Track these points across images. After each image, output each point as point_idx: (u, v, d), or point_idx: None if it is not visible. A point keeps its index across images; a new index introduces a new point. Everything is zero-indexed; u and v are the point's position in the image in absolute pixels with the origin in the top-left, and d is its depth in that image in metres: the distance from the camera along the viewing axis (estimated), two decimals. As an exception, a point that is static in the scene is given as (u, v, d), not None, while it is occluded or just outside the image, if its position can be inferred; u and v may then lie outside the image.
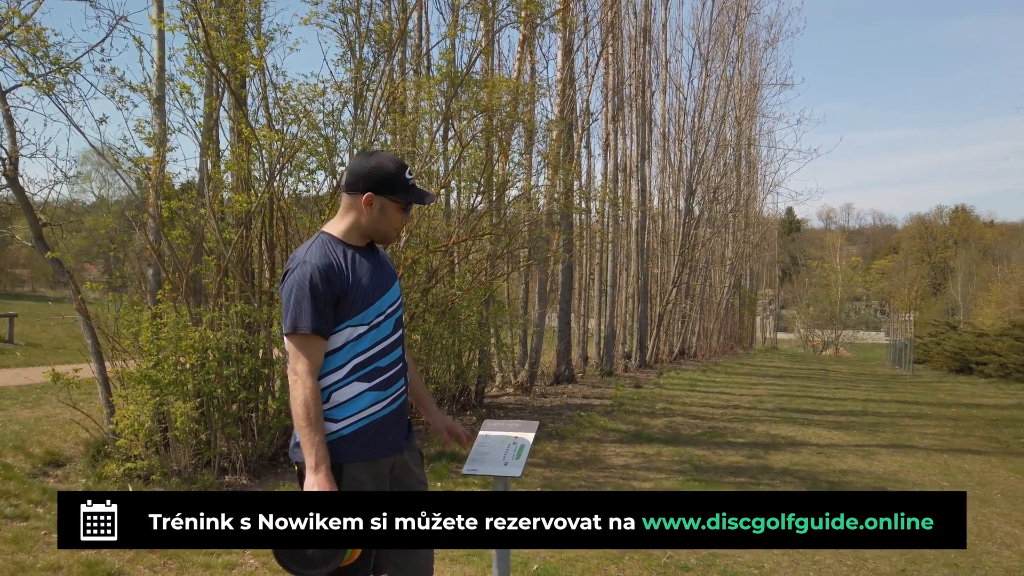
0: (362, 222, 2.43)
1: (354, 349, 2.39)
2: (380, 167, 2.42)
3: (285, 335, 2.34)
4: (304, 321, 2.29)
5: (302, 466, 2.36)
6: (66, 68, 5.75)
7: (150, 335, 5.76)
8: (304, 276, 2.30)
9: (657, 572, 4.52)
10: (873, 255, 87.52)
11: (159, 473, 5.69)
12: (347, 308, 2.35)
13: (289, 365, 2.33)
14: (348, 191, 2.44)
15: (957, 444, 10.01)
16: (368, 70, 7.46)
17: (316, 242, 2.41)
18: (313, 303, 2.28)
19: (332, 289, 2.32)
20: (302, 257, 2.36)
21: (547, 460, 7.59)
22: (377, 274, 2.45)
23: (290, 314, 2.30)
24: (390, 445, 2.47)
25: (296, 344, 2.31)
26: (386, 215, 2.43)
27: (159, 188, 6.14)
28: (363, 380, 2.40)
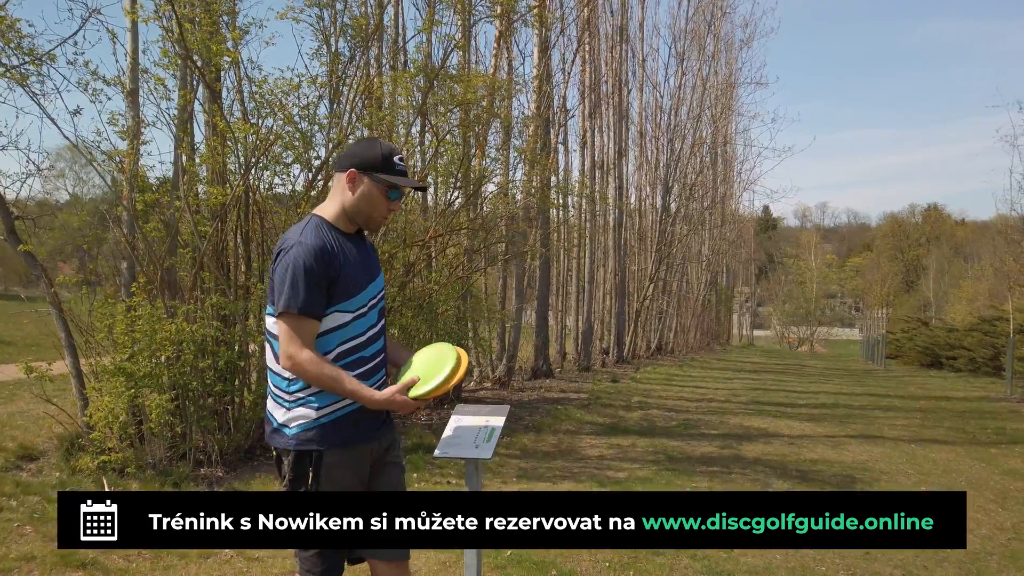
0: (346, 203, 2.40)
1: (341, 336, 2.37)
2: (368, 148, 2.42)
3: (278, 315, 2.28)
4: (297, 301, 2.25)
5: (280, 452, 2.39)
6: (39, 59, 5.72)
7: (124, 328, 5.75)
8: (299, 256, 2.26)
9: (629, 558, 4.61)
10: (848, 253, 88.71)
11: (134, 466, 5.69)
12: (337, 293, 2.33)
13: (281, 349, 2.29)
14: (336, 170, 2.45)
15: (925, 435, 10.22)
16: (344, 64, 7.47)
17: (309, 224, 2.38)
18: (308, 284, 2.25)
19: (326, 272, 2.29)
20: (296, 238, 2.32)
21: (523, 452, 7.66)
22: (365, 262, 2.45)
23: (284, 294, 2.26)
24: (370, 433, 2.46)
25: (290, 325, 2.26)
26: (369, 197, 2.39)
27: (133, 181, 6.12)
28: (347, 368, 2.36)
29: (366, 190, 2.39)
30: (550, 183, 12.77)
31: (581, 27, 15.98)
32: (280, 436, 2.38)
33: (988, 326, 24.52)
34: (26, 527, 4.59)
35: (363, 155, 2.40)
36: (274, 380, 2.41)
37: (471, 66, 11.32)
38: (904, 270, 76.15)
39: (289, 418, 2.37)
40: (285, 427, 2.37)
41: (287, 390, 2.37)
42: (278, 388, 2.39)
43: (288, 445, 2.35)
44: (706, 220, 32.37)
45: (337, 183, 2.43)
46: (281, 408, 2.39)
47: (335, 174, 2.45)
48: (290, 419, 2.37)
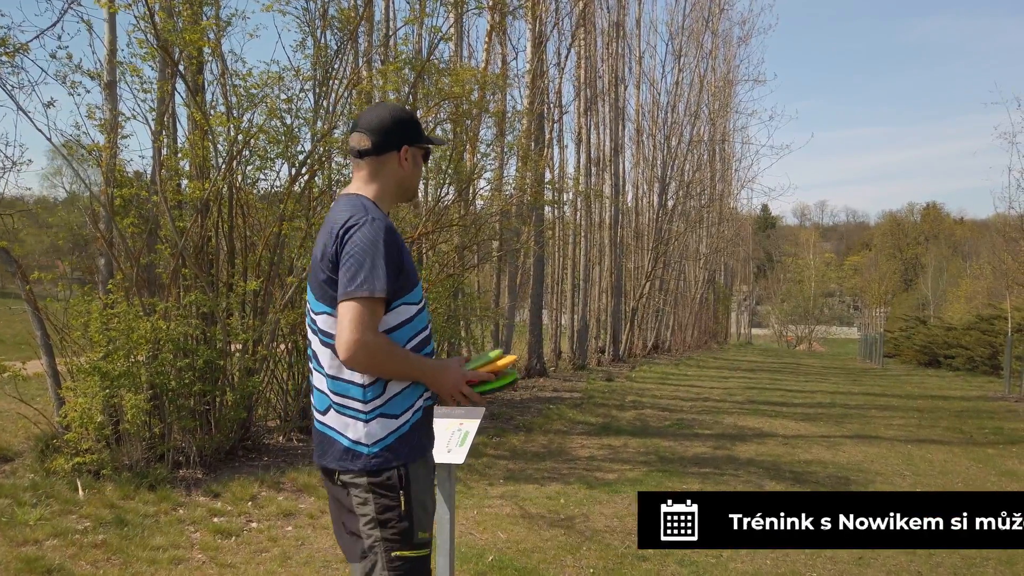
0: (400, 181, 2.20)
1: (411, 330, 2.12)
2: (404, 116, 2.22)
3: (353, 297, 1.96)
4: (380, 283, 1.96)
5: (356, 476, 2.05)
6: (12, 50, 5.57)
7: (99, 326, 5.61)
8: (378, 233, 2.00)
9: (614, 563, 4.48)
10: (846, 251, 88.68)
11: (110, 468, 5.54)
12: (403, 282, 2.08)
13: (343, 338, 1.95)
14: (379, 152, 2.16)
15: (922, 435, 10.09)
16: (330, 57, 7.32)
17: (363, 202, 2.12)
18: (387, 264, 1.98)
19: (399, 255, 2.05)
20: (362, 214, 2.05)
21: (512, 452, 7.53)
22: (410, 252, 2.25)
23: (363, 274, 1.96)
24: (434, 435, 2.25)
25: (365, 309, 1.95)
26: (418, 165, 2.24)
27: (110, 176, 5.97)
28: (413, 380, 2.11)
29: (416, 161, 2.22)
30: (544, 179, 12.63)
31: (576, 22, 15.83)
32: (356, 458, 2.05)
33: (986, 325, 24.41)
34: (-7, 531, 4.44)
35: (407, 126, 2.19)
36: (342, 389, 2.07)
37: (463, 60, 11.17)
38: (903, 269, 76.10)
39: (367, 433, 2.04)
40: (362, 445, 2.04)
41: (363, 399, 2.05)
42: (350, 398, 2.06)
43: (371, 466, 2.03)
44: (704, 218, 32.24)
45: (379, 165, 2.18)
46: (356, 422, 2.05)
47: (374, 157, 2.17)
48: (368, 434, 2.05)
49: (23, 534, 4.41)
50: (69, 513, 4.84)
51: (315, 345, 2.14)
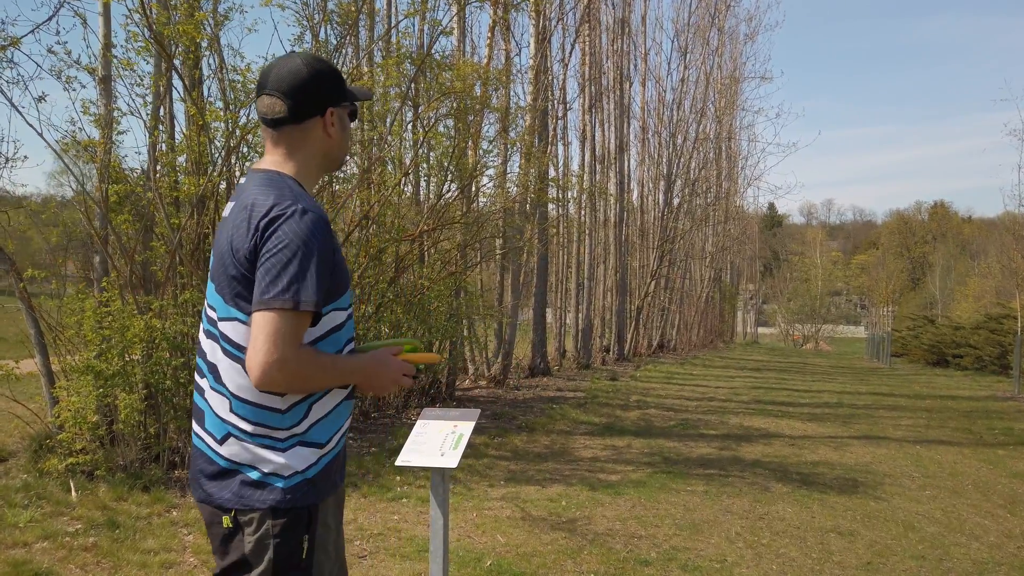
0: (327, 151, 1.82)
1: (337, 341, 1.76)
2: (323, 69, 1.79)
3: (271, 309, 1.57)
4: (308, 294, 1.59)
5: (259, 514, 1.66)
6: (5, 45, 5.48)
7: (94, 324, 5.52)
8: (311, 230, 1.62)
9: (616, 567, 4.36)
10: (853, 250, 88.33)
11: (104, 468, 5.45)
12: (335, 286, 1.71)
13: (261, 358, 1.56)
14: (299, 118, 1.75)
15: (930, 435, 9.94)
16: (329, 52, 7.22)
17: (286, 182, 1.72)
18: (320, 271, 1.61)
19: (333, 256, 1.68)
20: (292, 201, 1.64)
21: (514, 453, 7.42)
22: None
23: (287, 281, 1.58)
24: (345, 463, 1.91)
25: (287, 323, 1.57)
26: (346, 128, 1.85)
27: (105, 172, 5.88)
28: (342, 387, 1.78)
29: (344, 123, 1.83)
30: (547, 176, 12.50)
31: (580, 18, 15.69)
32: (263, 492, 1.66)
33: (995, 324, 24.18)
34: (-19, 533, 4.36)
35: (327, 83, 1.78)
36: (252, 414, 1.67)
37: (466, 56, 11.05)
38: (910, 267, 75.69)
39: (283, 465, 1.67)
40: (276, 477, 1.67)
41: (282, 425, 1.67)
42: (265, 426, 1.67)
43: (279, 503, 1.66)
44: (709, 216, 32.04)
45: (303, 133, 1.78)
46: (271, 452, 1.67)
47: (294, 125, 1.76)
48: (285, 467, 1.67)
49: (12, 536, 4.33)
50: (61, 515, 4.75)
51: (214, 356, 1.72)
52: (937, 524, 5.61)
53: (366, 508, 5.32)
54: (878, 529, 5.38)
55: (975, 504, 6.30)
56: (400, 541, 4.64)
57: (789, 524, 5.39)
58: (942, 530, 5.45)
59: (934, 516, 5.84)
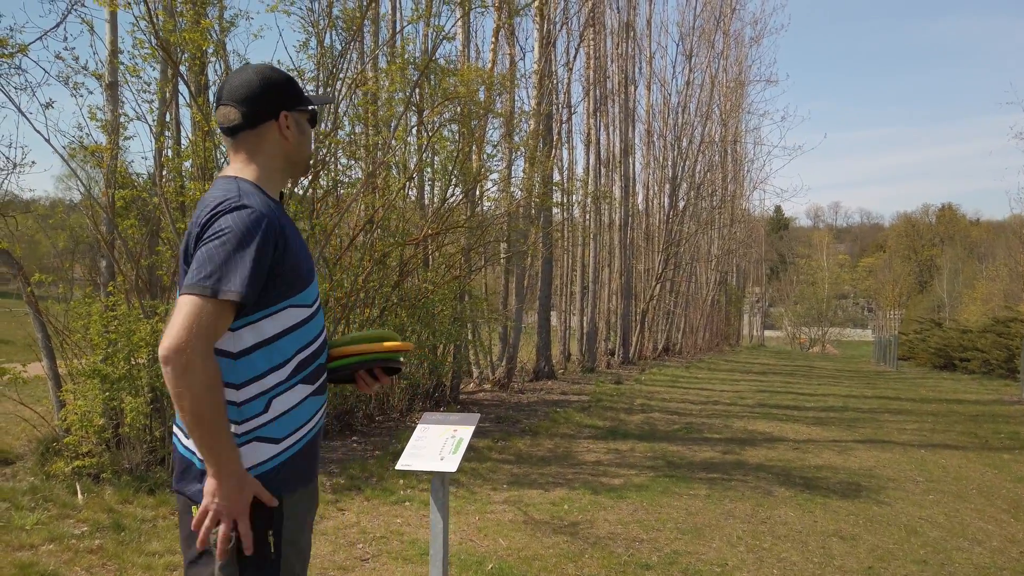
0: (287, 154, 1.88)
1: (299, 340, 1.79)
2: (275, 77, 1.87)
3: (196, 294, 1.61)
4: (235, 283, 1.62)
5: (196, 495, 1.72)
6: (12, 52, 5.55)
7: (100, 328, 5.57)
8: (250, 223, 1.66)
9: (617, 571, 4.38)
10: (861, 253, 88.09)
11: (110, 471, 5.50)
12: (287, 283, 1.75)
13: (177, 337, 1.58)
14: (253, 123, 1.83)
15: (935, 440, 9.92)
16: (334, 58, 7.27)
17: (242, 184, 1.78)
18: (255, 262, 1.64)
19: (272, 253, 1.70)
20: (235, 197, 1.71)
21: (517, 457, 7.44)
22: (304, 243, 1.90)
23: (213, 267, 1.62)
24: (319, 461, 1.94)
25: (204, 311, 1.60)
26: (305, 133, 1.92)
27: (111, 177, 5.94)
28: (307, 381, 1.81)
29: (300, 126, 1.90)
30: (552, 180, 12.54)
31: (585, 22, 15.73)
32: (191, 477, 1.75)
33: (1002, 327, 24.06)
34: (-12, 536, 4.41)
35: (282, 89, 1.86)
36: None
37: (471, 61, 11.10)
38: (917, 270, 75.45)
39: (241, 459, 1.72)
40: None
41: (237, 419, 1.72)
42: None
43: None
44: (715, 219, 32.02)
45: (258, 139, 1.85)
46: None
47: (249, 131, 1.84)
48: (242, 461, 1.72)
49: (19, 539, 4.37)
50: (67, 517, 4.80)
51: None
52: (940, 528, 5.61)
53: (369, 511, 5.35)
54: (880, 533, 5.38)
55: (979, 509, 6.29)
56: (403, 544, 4.67)
57: (791, 528, 5.40)
58: (945, 534, 5.45)
59: (937, 521, 5.84)
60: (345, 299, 7.60)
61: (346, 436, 7.74)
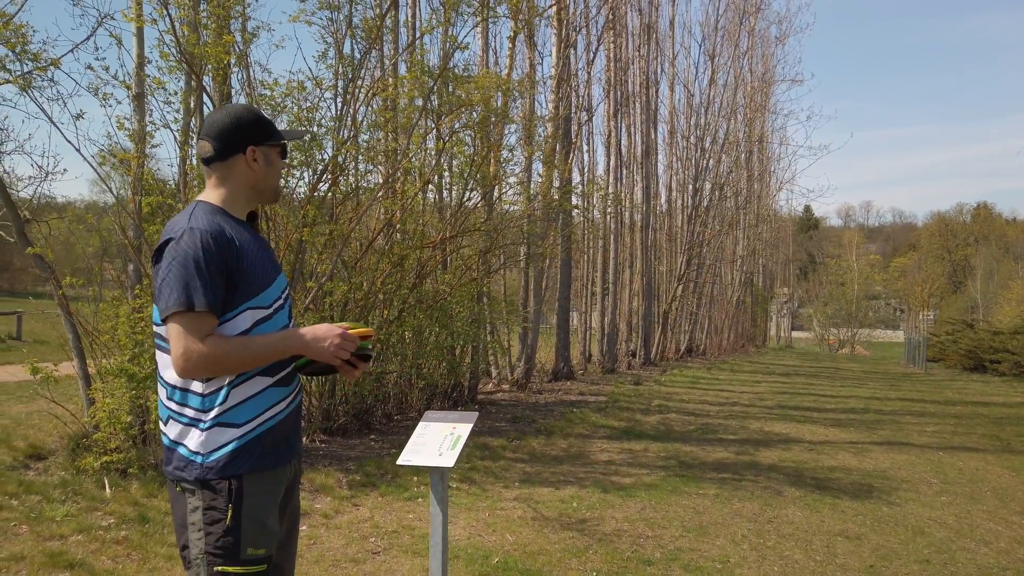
0: (253, 183, 2.14)
1: None
2: (245, 116, 2.14)
3: (171, 314, 1.91)
4: (199, 296, 1.90)
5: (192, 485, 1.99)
6: (44, 65, 5.82)
7: (128, 329, 5.81)
8: (194, 245, 1.93)
9: (619, 566, 4.50)
10: (893, 253, 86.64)
11: (136, 466, 5.74)
12: (243, 288, 2.02)
13: (178, 353, 1.91)
14: (223, 156, 2.10)
15: (955, 442, 9.86)
16: (353, 67, 7.46)
17: (198, 208, 2.06)
18: (208, 276, 1.92)
19: (225, 261, 1.97)
20: (184, 224, 1.98)
21: (531, 456, 7.57)
22: (267, 253, 2.16)
23: (177, 290, 1.91)
24: (291, 449, 2.16)
25: (187, 325, 1.90)
26: (273, 165, 2.17)
27: (138, 185, 6.19)
28: (266, 374, 2.05)
29: (268, 158, 2.16)
30: (570, 183, 12.64)
31: (605, 26, 15.81)
32: (193, 467, 1.99)
33: (1034, 329, 23.65)
34: (22, 527, 4.64)
35: (250, 126, 2.13)
36: (180, 398, 2.02)
37: (489, 67, 11.26)
38: (951, 271, 74.05)
39: (202, 442, 1.98)
40: (198, 454, 1.98)
41: (202, 408, 1.99)
42: (188, 407, 2.01)
43: (206, 476, 1.97)
44: (740, 219, 31.84)
45: (228, 168, 2.12)
46: (193, 431, 2.00)
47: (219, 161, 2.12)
48: (204, 443, 1.98)
49: (49, 529, 4.61)
50: (95, 510, 5.03)
51: (159, 356, 2.07)
52: (947, 529, 5.64)
53: (383, 507, 5.53)
54: (886, 534, 5.43)
55: (991, 511, 6.30)
56: (413, 539, 4.83)
57: (797, 528, 5.47)
58: (951, 535, 5.48)
59: (946, 522, 5.86)
60: (364, 300, 7.80)
61: (364, 434, 7.94)
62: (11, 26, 5.67)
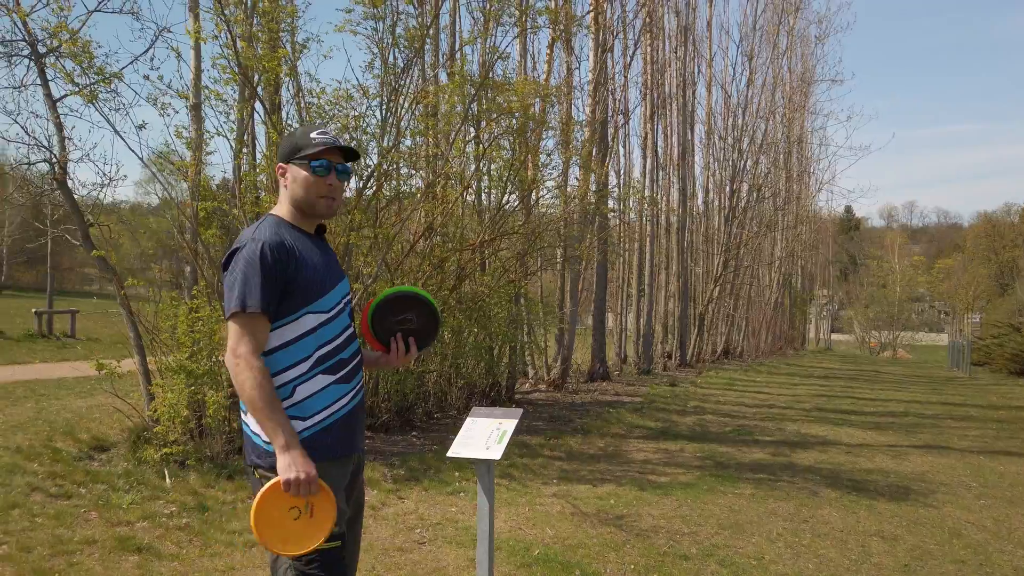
0: (292, 198, 2.33)
1: (318, 339, 2.27)
2: (288, 139, 2.38)
3: (230, 315, 2.18)
4: (253, 299, 2.15)
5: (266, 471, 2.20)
6: (109, 78, 6.16)
7: (186, 328, 6.12)
8: (254, 253, 2.17)
9: (656, 561, 4.64)
10: (937, 254, 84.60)
11: (194, 458, 6.04)
12: (304, 293, 2.23)
13: (230, 348, 2.18)
14: (281, 174, 2.37)
15: (997, 446, 9.77)
16: (396, 75, 7.71)
17: (264, 222, 2.30)
18: (263, 281, 2.16)
19: (284, 269, 2.19)
20: (250, 235, 2.24)
21: (568, 454, 7.74)
22: (328, 262, 2.37)
23: (237, 292, 2.16)
24: (354, 440, 2.37)
25: (242, 325, 2.16)
26: (298, 181, 2.31)
27: (195, 190, 6.50)
28: (328, 372, 2.27)
29: (294, 175, 2.32)
30: (607, 186, 12.76)
31: (641, 28, 15.90)
32: (267, 455, 2.19)
33: (1083, 332, 23.04)
34: (91, 513, 4.96)
35: (284, 147, 2.37)
36: None
37: (527, 72, 11.45)
38: (997, 273, 72.13)
39: None
40: (269, 443, 2.18)
41: None
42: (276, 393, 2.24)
43: (273, 463, 2.16)
44: (778, 221, 31.55)
45: (281, 186, 2.38)
46: None
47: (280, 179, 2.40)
48: None
49: (117, 516, 4.91)
50: (157, 499, 5.33)
51: None
52: (985, 532, 5.66)
53: (426, 500, 5.74)
54: (922, 535, 5.48)
55: (1029, 515, 6.29)
56: (457, 531, 5.03)
57: (832, 527, 5.55)
58: (989, 537, 5.51)
59: (984, 524, 5.88)
60: (388, 289, 8.05)
61: (406, 431, 8.18)
62: (78, 42, 6.02)
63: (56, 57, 6.12)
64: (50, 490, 5.32)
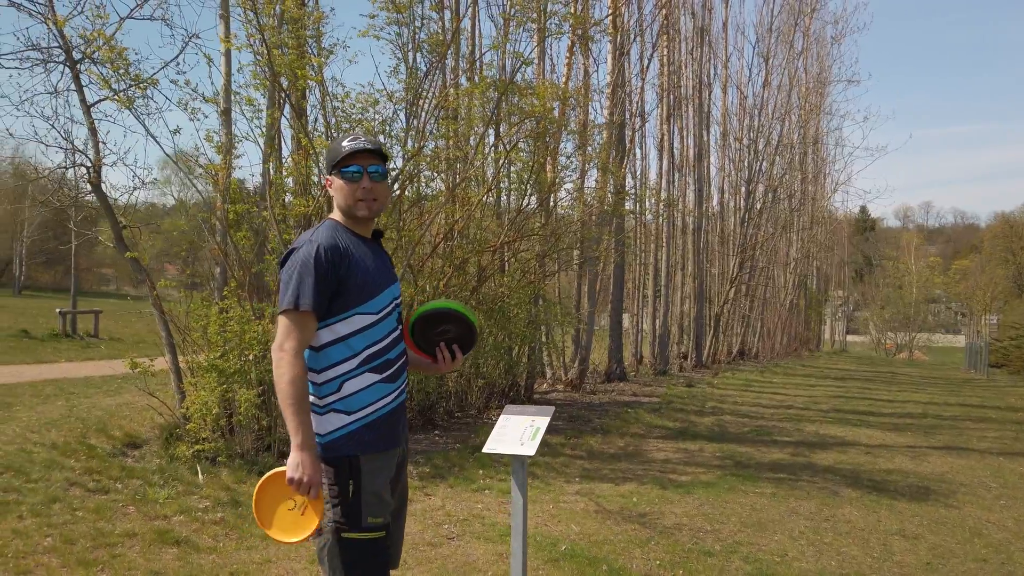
0: (338, 205, 2.46)
1: (367, 339, 2.37)
2: (329, 151, 2.50)
3: (282, 311, 2.29)
4: (305, 299, 2.26)
5: None
6: (144, 84, 6.32)
7: (217, 328, 6.27)
8: (309, 254, 2.29)
9: (680, 557, 4.73)
10: (954, 255, 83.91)
11: (224, 455, 6.18)
12: (355, 294, 2.34)
13: (276, 342, 2.28)
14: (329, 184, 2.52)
15: (1017, 448, 9.77)
16: (419, 80, 7.83)
17: (323, 225, 2.43)
18: (316, 281, 2.27)
19: (336, 270, 2.30)
20: (308, 237, 2.36)
21: (589, 453, 7.83)
22: (381, 266, 2.47)
23: (291, 290, 2.28)
24: (398, 435, 2.47)
25: (292, 321, 2.27)
26: (338, 189, 2.43)
27: (226, 193, 6.65)
28: (375, 371, 2.38)
29: (335, 185, 2.44)
30: (624, 188, 12.84)
31: (659, 31, 15.96)
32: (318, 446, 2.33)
33: (1103, 334, 22.86)
34: (129, 507, 5.10)
35: (326, 160, 2.52)
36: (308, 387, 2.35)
37: (545, 75, 11.56)
38: (1015, 273, 71.47)
39: (320, 424, 2.33)
40: (318, 435, 2.32)
41: (318, 395, 2.35)
42: (310, 394, 2.35)
43: (325, 455, 2.31)
44: (794, 221, 31.46)
45: None
46: (314, 415, 2.33)
47: None
48: (321, 426, 2.33)
49: (154, 510, 5.06)
50: (191, 494, 5.47)
51: None
52: (1006, 531, 5.71)
53: (453, 497, 5.86)
54: (944, 534, 5.53)
55: (1050, 515, 6.32)
56: (484, 527, 5.14)
57: (854, 526, 5.62)
58: (1010, 537, 5.56)
59: (1005, 524, 5.93)
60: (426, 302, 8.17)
61: (429, 430, 8.30)
62: (114, 48, 6.18)
63: (91, 63, 6.29)
64: (88, 485, 5.47)
